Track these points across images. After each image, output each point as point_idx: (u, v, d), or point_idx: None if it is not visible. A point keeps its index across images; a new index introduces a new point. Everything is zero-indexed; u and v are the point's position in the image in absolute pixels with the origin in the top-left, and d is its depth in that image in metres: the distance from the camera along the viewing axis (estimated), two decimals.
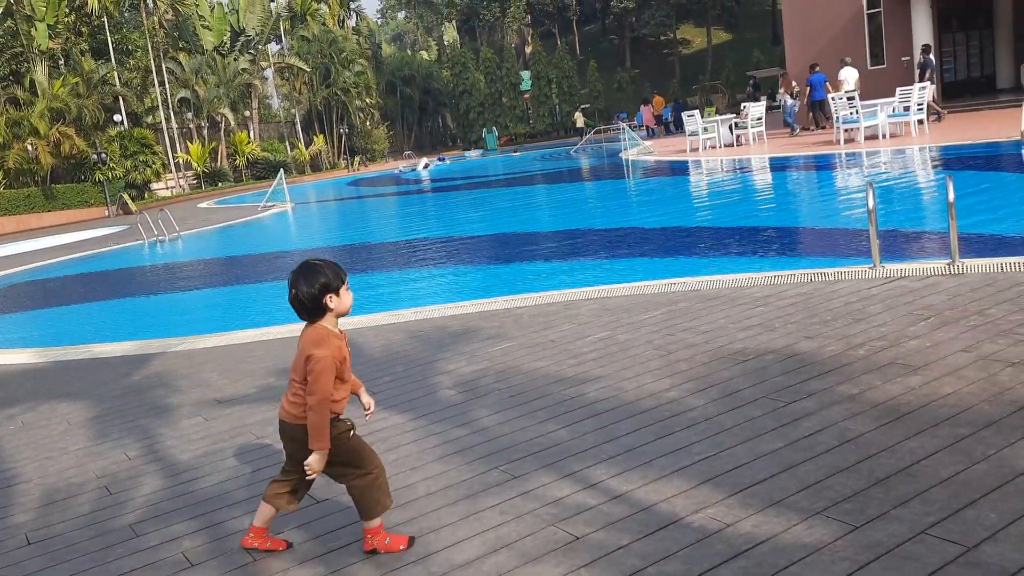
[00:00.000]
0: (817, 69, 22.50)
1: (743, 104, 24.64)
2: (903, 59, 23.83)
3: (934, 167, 13.60)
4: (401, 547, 3.16)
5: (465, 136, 60.20)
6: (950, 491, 2.96)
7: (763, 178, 16.47)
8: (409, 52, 75.73)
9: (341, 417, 3.15)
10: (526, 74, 59.32)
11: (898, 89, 18.80)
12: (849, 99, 18.67)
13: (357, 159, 51.48)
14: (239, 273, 13.84)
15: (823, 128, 22.80)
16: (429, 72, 65.69)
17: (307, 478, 3.09)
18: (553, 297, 7.28)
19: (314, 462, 3.01)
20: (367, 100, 54.99)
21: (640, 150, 28.05)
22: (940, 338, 4.60)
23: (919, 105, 17.99)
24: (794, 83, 25.40)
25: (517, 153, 44.48)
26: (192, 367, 6.69)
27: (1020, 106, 14.65)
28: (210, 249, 18.15)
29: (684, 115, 24.40)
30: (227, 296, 11.46)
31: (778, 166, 17.50)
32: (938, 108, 20.29)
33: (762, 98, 30.86)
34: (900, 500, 2.95)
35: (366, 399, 3.31)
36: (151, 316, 10.67)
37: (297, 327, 3.18)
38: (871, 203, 6.48)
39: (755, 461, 3.46)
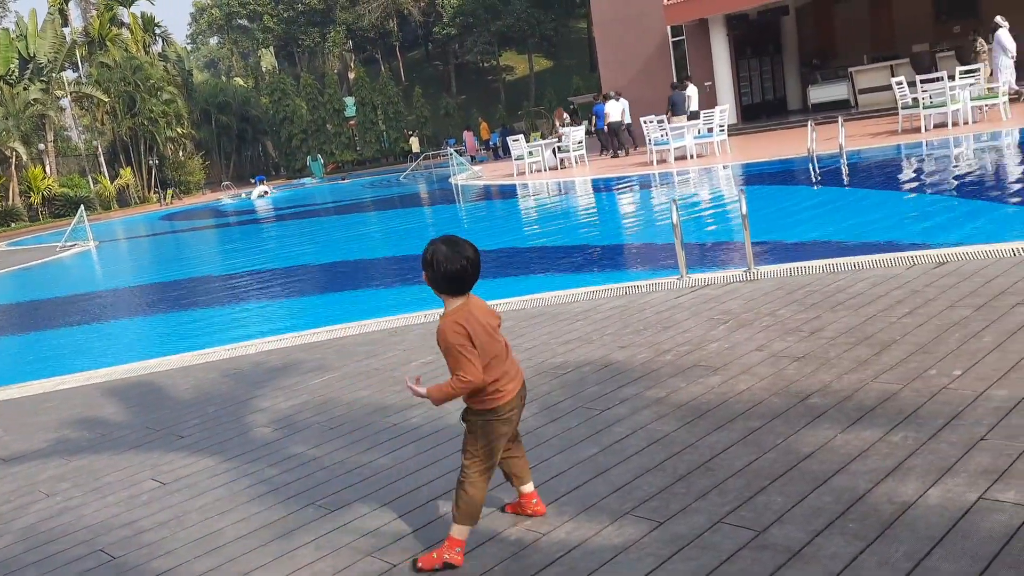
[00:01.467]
0: (602, 99, 24.31)
1: (562, 129, 25.73)
2: (706, 84, 25.50)
3: (735, 183, 14.60)
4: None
5: (289, 164, 58.67)
6: (743, 481, 3.15)
7: (584, 199, 17.10)
8: (224, 79, 73.12)
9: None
10: (350, 100, 58.67)
11: (702, 112, 20.10)
12: (659, 122, 19.81)
13: (170, 192, 48.96)
14: (32, 319, 12.75)
15: (609, 152, 24.45)
16: (246, 99, 63.66)
17: None
18: (379, 324, 7.20)
19: None
20: (178, 129, 52.36)
21: (469, 175, 28.41)
22: (737, 339, 4.91)
23: (720, 127, 19.32)
24: (565, 114, 29.10)
25: (346, 180, 43.84)
26: None
27: (807, 125, 16.05)
28: None
29: (509, 140, 24.96)
30: (18, 345, 10.53)
31: (597, 187, 18.21)
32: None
33: (582, 123, 32.26)
34: (700, 493, 3.11)
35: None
36: None
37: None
38: (675, 218, 6.86)
39: (571, 469, 3.55)
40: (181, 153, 54.05)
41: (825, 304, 5.34)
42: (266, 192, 38.97)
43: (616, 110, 23.43)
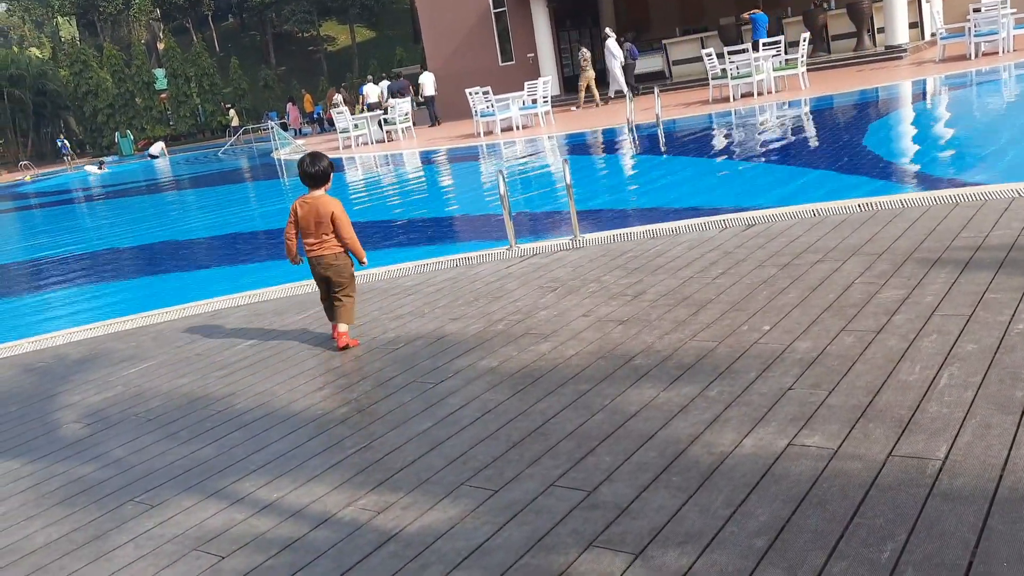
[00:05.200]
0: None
1: (333, 109, 25.66)
2: (529, 55, 25.87)
3: (560, 153, 14.94)
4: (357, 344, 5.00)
5: (95, 141, 54.47)
6: (574, 443, 3.22)
7: (413, 171, 16.95)
8: (16, 49, 66.61)
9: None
10: (160, 72, 55.08)
11: (526, 83, 20.39)
12: (484, 94, 19.92)
13: None
14: None
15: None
16: (43, 72, 58.32)
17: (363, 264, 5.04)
18: (199, 308, 6.83)
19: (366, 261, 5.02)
20: None
21: (292, 149, 27.46)
22: (565, 306, 5.03)
23: (544, 98, 19.68)
24: (337, 95, 30.56)
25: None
26: None
27: (625, 96, 16.67)
28: None
29: (334, 112, 24.32)
30: None
31: (426, 159, 18.12)
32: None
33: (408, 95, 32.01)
34: (533, 459, 3.16)
35: None
36: None
37: None
38: (503, 189, 6.91)
39: (406, 444, 3.51)
40: None
41: (646, 268, 5.56)
42: (103, 165, 36.04)
43: (429, 81, 25.10)
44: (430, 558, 2.62)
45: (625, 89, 21.62)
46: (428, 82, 25.00)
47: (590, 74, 21.60)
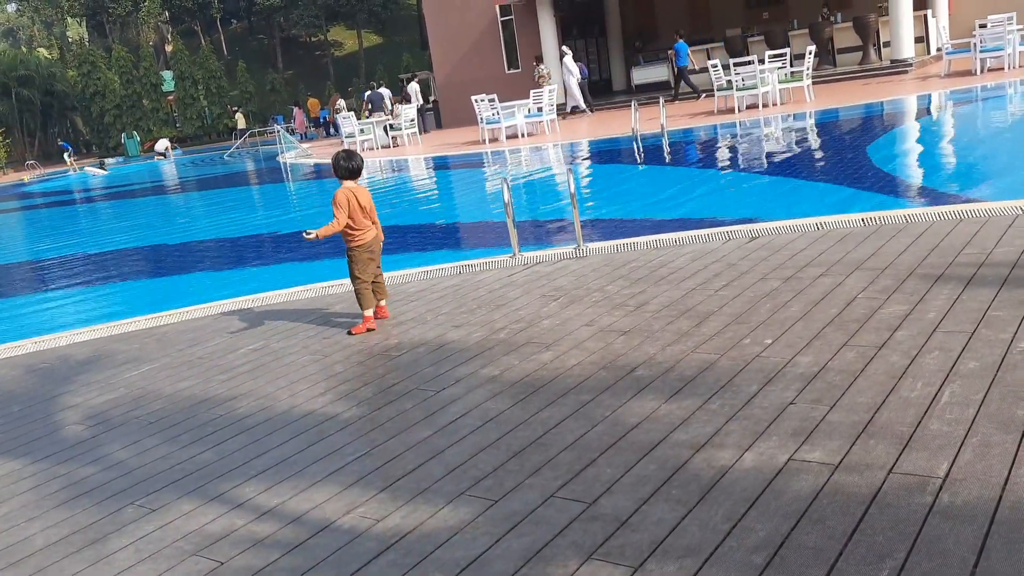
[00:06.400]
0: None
1: (337, 115, 26.09)
2: (534, 64, 25.91)
3: (564, 161, 14.96)
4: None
5: (102, 142, 54.66)
6: (575, 454, 3.23)
7: (418, 177, 16.99)
8: (25, 49, 66.89)
9: None
10: (168, 74, 55.23)
11: (532, 92, 20.42)
12: (490, 101, 19.97)
13: None
14: None
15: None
16: (51, 72, 58.56)
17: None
18: (202, 310, 6.85)
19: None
20: None
21: (298, 153, 27.52)
22: (568, 316, 5.03)
23: (550, 107, 19.72)
24: (340, 100, 31.93)
25: (165, 158, 41.24)
26: None
27: (631, 105, 16.69)
28: None
29: (339, 117, 24.38)
30: None
31: (431, 165, 18.15)
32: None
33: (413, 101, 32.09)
34: (533, 469, 3.16)
35: None
36: None
37: None
38: (507, 197, 6.92)
39: (406, 452, 3.52)
40: None
41: (649, 279, 5.56)
42: (104, 164, 36.37)
43: (415, 90, 26.12)
44: (429, 567, 2.63)
45: (582, 105, 22.46)
46: (415, 92, 25.78)
47: None
